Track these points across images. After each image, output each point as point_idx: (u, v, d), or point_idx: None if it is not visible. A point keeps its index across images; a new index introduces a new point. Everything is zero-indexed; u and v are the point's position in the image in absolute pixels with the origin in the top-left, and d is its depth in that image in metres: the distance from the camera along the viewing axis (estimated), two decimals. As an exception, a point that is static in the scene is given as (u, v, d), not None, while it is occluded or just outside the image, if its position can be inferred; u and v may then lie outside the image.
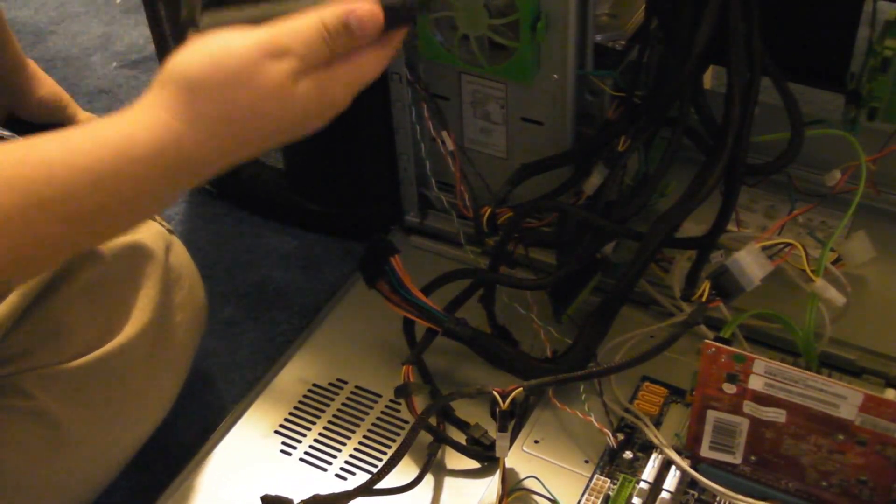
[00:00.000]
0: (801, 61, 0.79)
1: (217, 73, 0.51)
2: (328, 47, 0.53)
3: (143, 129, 0.51)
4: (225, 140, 0.52)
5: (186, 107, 0.51)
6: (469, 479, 0.75)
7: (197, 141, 0.51)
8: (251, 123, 0.53)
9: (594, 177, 0.79)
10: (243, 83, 0.51)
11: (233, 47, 0.52)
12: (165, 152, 0.51)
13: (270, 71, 0.52)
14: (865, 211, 0.80)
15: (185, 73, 0.52)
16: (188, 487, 0.75)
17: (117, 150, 0.50)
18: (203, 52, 0.52)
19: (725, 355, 0.65)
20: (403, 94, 0.86)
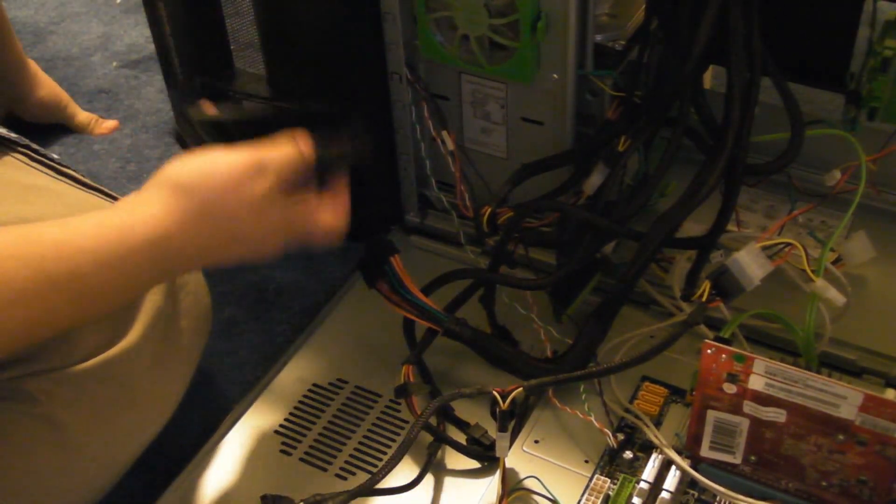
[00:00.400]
0: (801, 61, 0.79)
1: (206, 182, 0.60)
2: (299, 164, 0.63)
3: (140, 222, 0.59)
4: (207, 240, 0.60)
5: (177, 209, 0.59)
6: (469, 479, 0.75)
7: (184, 238, 0.59)
8: (230, 230, 0.61)
9: (594, 177, 0.79)
10: (228, 196, 0.60)
11: (221, 162, 0.60)
12: (157, 245, 0.59)
13: (251, 188, 0.60)
14: (865, 211, 0.80)
15: (178, 179, 0.60)
16: (188, 487, 0.75)
17: (118, 238, 0.58)
18: (196, 163, 0.61)
19: (725, 355, 0.65)
20: (403, 94, 0.86)
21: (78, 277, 0.57)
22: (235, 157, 0.61)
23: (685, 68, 0.70)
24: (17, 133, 0.77)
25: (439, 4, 0.77)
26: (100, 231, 0.58)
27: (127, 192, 1.13)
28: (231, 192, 0.60)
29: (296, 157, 0.63)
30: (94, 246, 0.57)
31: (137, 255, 0.58)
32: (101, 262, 0.57)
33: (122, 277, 0.59)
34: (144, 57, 1.32)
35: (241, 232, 0.61)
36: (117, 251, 0.58)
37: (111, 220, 0.59)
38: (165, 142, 1.18)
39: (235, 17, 0.99)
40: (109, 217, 0.59)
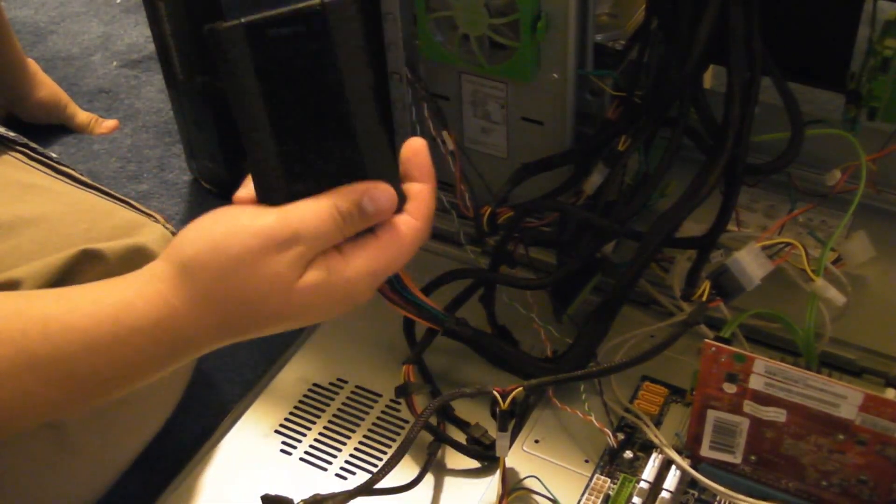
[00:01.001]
0: (801, 61, 0.79)
1: (219, 257, 0.50)
2: (341, 233, 0.52)
3: (142, 299, 0.50)
4: (222, 323, 0.51)
5: (185, 286, 0.50)
6: (469, 478, 0.75)
7: (193, 320, 0.51)
8: (251, 311, 0.51)
9: (594, 177, 0.79)
10: (244, 272, 0.50)
11: (238, 233, 0.50)
12: (162, 325, 0.50)
13: (272, 262, 0.50)
14: (865, 211, 0.80)
15: (188, 253, 0.51)
16: (188, 487, 0.76)
17: (115, 317, 0.50)
18: (209, 233, 0.51)
19: (725, 355, 0.65)
20: (403, 94, 0.86)
21: (65, 360, 0.49)
22: (257, 223, 0.50)
23: (685, 68, 0.70)
24: (17, 132, 0.77)
25: (439, 4, 0.77)
26: (95, 308, 0.50)
27: (127, 191, 1.13)
28: (248, 270, 0.50)
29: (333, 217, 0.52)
30: (87, 325, 0.50)
31: (138, 337, 0.50)
32: (92, 344, 0.50)
33: (120, 362, 0.51)
34: (144, 57, 1.32)
35: (269, 311, 0.52)
36: (114, 332, 0.50)
37: (109, 295, 0.51)
38: (165, 142, 1.19)
39: (235, 17, 0.99)
40: (108, 291, 0.51)
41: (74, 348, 0.50)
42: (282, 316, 0.52)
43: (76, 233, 0.70)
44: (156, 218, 0.76)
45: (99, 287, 0.52)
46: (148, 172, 1.15)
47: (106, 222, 0.72)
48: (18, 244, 0.69)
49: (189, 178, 1.13)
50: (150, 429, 0.76)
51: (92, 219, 0.72)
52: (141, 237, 0.73)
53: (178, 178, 1.14)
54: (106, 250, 0.70)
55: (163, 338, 0.51)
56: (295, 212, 0.51)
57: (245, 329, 0.52)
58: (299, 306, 0.52)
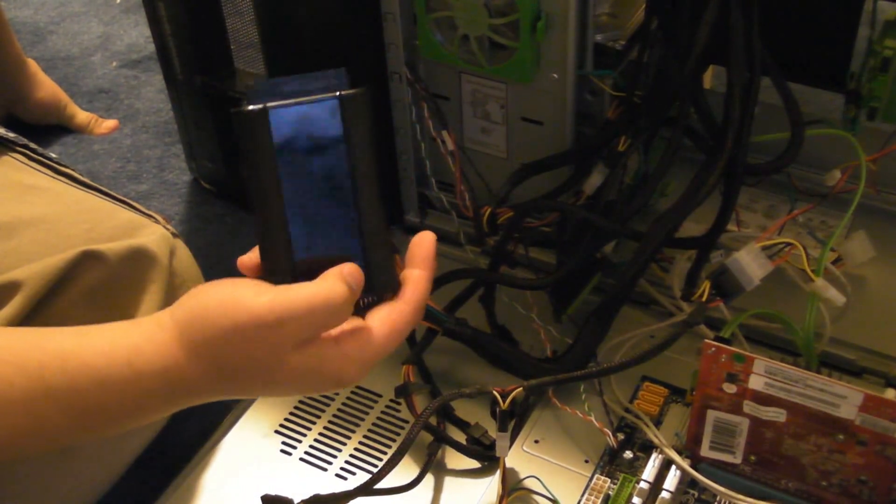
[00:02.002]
0: (801, 61, 0.79)
1: (210, 326, 0.53)
2: (332, 320, 0.54)
3: (152, 347, 0.54)
4: (217, 380, 0.55)
5: (192, 341, 0.53)
6: (469, 479, 0.75)
7: (197, 372, 0.54)
8: (240, 378, 0.54)
9: (594, 177, 0.79)
10: (232, 345, 0.53)
11: (233, 308, 0.53)
12: (168, 374, 0.54)
13: (260, 342, 0.53)
14: (865, 211, 0.80)
15: (186, 313, 0.54)
16: (188, 487, 0.75)
17: (128, 359, 0.54)
18: (207, 300, 0.54)
19: (725, 355, 0.65)
20: (403, 94, 0.86)
21: (78, 394, 0.53)
22: (249, 305, 0.53)
23: (685, 68, 0.70)
24: (17, 133, 0.77)
25: (439, 4, 0.77)
26: (110, 349, 0.54)
27: (127, 191, 1.13)
28: (235, 345, 0.53)
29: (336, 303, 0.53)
30: (101, 363, 0.53)
31: (146, 381, 0.54)
32: (104, 382, 0.53)
33: (128, 401, 0.54)
34: (144, 57, 1.32)
35: (258, 381, 0.55)
36: (124, 374, 0.54)
37: (124, 338, 0.55)
38: (165, 142, 1.19)
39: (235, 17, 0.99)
40: (123, 335, 0.55)
41: (88, 384, 0.53)
42: (267, 386, 0.55)
43: (76, 233, 0.70)
44: (156, 219, 0.76)
45: (113, 329, 0.55)
46: (148, 172, 1.15)
47: (106, 223, 0.72)
48: (19, 245, 0.69)
49: (189, 178, 1.13)
50: (150, 430, 0.76)
51: (92, 219, 0.72)
52: (141, 238, 0.73)
53: (178, 178, 1.14)
54: (106, 251, 0.70)
55: (167, 384, 0.54)
56: (288, 295, 0.53)
57: (236, 390, 0.56)
58: (287, 382, 0.54)
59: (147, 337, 0.54)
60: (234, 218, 1.07)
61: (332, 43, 0.86)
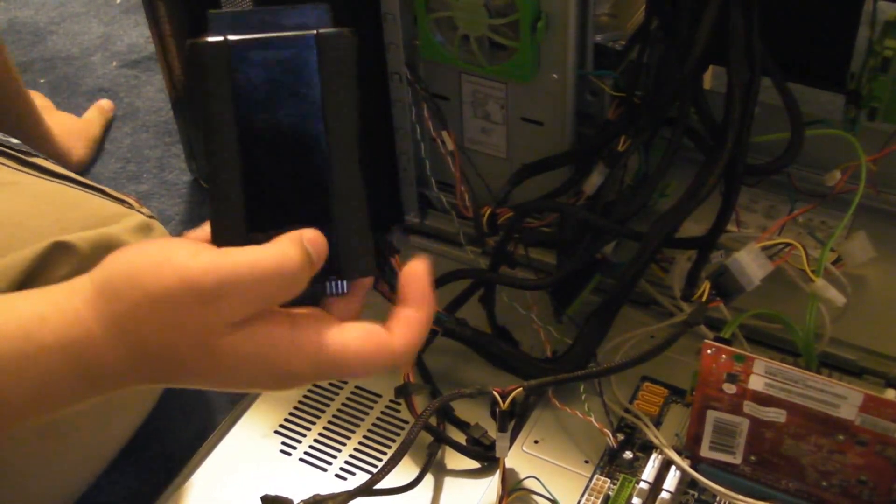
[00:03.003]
0: (801, 61, 0.79)
1: (134, 289, 0.44)
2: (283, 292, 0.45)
3: (57, 315, 0.45)
4: (136, 359, 0.45)
5: (101, 308, 0.44)
6: (469, 479, 0.75)
7: (108, 347, 0.44)
8: (164, 356, 0.45)
9: (594, 177, 0.79)
10: (159, 314, 0.44)
11: (163, 270, 0.44)
12: (74, 346, 0.44)
13: (191, 313, 0.43)
14: (865, 211, 0.80)
15: (107, 275, 0.45)
16: (188, 487, 0.75)
17: (26, 330, 0.44)
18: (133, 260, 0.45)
19: (725, 355, 0.65)
20: (403, 94, 0.86)
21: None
22: (184, 267, 0.44)
23: (685, 68, 0.70)
24: None
25: (439, 4, 0.77)
26: (7, 318, 0.44)
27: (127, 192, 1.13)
28: (162, 313, 0.44)
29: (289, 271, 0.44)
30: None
31: (47, 356, 0.44)
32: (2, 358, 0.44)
33: (28, 383, 0.44)
34: (144, 57, 1.32)
35: (185, 363, 0.45)
36: (21, 347, 0.44)
37: (22, 307, 0.45)
38: (165, 142, 1.19)
39: (235, 17, 0.99)
40: (25, 301, 0.45)
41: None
42: (199, 372, 0.45)
43: (45, 225, 0.67)
44: (129, 203, 0.73)
45: (13, 298, 0.46)
46: (148, 173, 1.15)
47: (76, 212, 0.69)
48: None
49: (189, 179, 1.13)
50: (138, 412, 0.75)
51: (61, 210, 0.69)
52: (114, 227, 0.70)
53: (178, 179, 1.14)
54: (77, 242, 0.67)
55: (75, 361, 0.45)
56: (231, 260, 0.44)
57: (162, 374, 0.46)
58: (223, 368, 0.45)
59: (54, 303, 0.45)
60: (234, 218, 1.07)
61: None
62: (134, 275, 0.44)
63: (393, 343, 0.47)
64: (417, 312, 0.48)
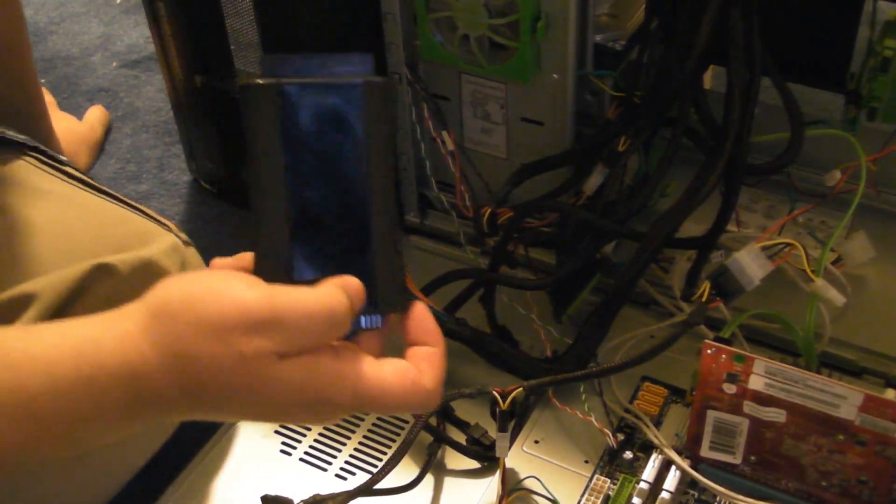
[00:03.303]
0: (801, 61, 0.79)
1: (190, 314, 0.46)
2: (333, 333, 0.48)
3: (111, 337, 0.46)
4: (186, 384, 0.46)
5: (154, 331, 0.46)
6: (469, 479, 0.75)
7: (160, 369, 0.46)
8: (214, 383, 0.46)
9: (594, 177, 0.79)
10: (212, 340, 0.45)
11: (220, 297, 0.46)
12: (130, 370, 0.46)
13: (244, 341, 0.45)
14: (865, 211, 0.80)
15: (161, 299, 0.47)
16: (188, 487, 0.75)
17: (80, 350, 0.46)
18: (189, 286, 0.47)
19: (725, 355, 0.65)
20: (403, 94, 0.86)
21: (26, 396, 0.45)
22: (241, 297, 0.46)
23: (685, 68, 0.70)
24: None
25: (439, 4, 0.77)
26: (60, 340, 0.46)
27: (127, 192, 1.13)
28: (216, 340, 0.45)
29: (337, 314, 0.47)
30: (50, 356, 0.45)
31: (103, 377, 0.45)
32: (56, 379, 0.45)
33: (84, 404, 0.45)
34: (144, 57, 1.32)
35: (234, 392, 0.46)
36: (77, 367, 0.45)
37: (81, 329, 0.47)
38: (165, 142, 1.19)
39: (235, 17, 0.99)
40: (80, 325, 0.47)
41: (38, 382, 0.45)
42: (244, 398, 0.47)
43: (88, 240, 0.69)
44: (168, 226, 0.75)
45: (66, 323, 0.48)
46: (148, 173, 1.15)
47: (118, 230, 0.71)
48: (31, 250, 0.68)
49: (189, 179, 1.13)
50: (157, 441, 0.75)
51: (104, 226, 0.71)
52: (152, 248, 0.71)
53: (178, 179, 1.13)
54: (118, 264, 0.69)
55: (128, 382, 0.46)
56: (286, 296, 0.46)
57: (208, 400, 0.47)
58: (271, 396, 0.47)
59: (108, 327, 0.47)
60: (234, 218, 1.07)
61: (332, 43, 0.86)
62: (192, 301, 0.46)
63: (424, 381, 0.49)
64: (436, 349, 0.51)
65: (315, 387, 0.47)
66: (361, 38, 0.84)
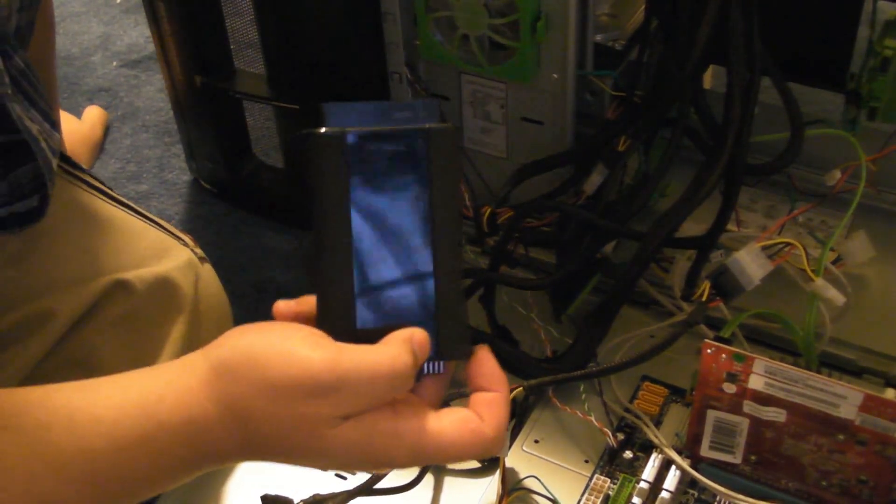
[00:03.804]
0: (801, 61, 0.79)
1: (255, 375, 0.46)
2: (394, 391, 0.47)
3: (174, 393, 0.46)
4: (246, 439, 0.47)
5: (227, 392, 0.46)
6: (469, 479, 0.75)
7: (222, 423, 0.46)
8: (275, 441, 0.47)
9: (594, 177, 0.79)
10: (276, 403, 0.46)
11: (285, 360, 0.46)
12: (193, 427, 0.46)
13: (309, 404, 0.45)
14: (865, 211, 0.80)
15: (225, 356, 0.47)
16: (188, 487, 0.75)
17: (144, 409, 0.46)
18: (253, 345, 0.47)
19: (725, 355, 0.65)
20: (403, 94, 0.86)
21: (88, 457, 0.45)
22: (306, 360, 0.45)
23: (685, 68, 0.70)
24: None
25: (439, 4, 0.77)
26: (123, 398, 0.46)
27: (127, 192, 1.13)
28: (281, 402, 0.45)
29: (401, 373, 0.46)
30: (114, 416, 0.45)
31: (166, 436, 0.46)
32: (119, 439, 0.45)
33: (145, 461, 0.46)
34: (144, 57, 1.33)
35: (295, 449, 0.47)
36: (142, 426, 0.45)
37: (143, 385, 0.47)
38: (165, 142, 1.19)
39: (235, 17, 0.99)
40: (141, 381, 0.47)
41: (100, 444, 0.45)
42: (303, 455, 0.48)
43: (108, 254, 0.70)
44: (185, 241, 0.75)
45: (130, 376, 0.48)
46: (148, 172, 1.15)
47: (136, 245, 0.72)
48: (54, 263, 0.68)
49: (189, 178, 1.13)
50: None
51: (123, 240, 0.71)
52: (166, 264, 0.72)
53: (178, 178, 1.14)
54: (134, 280, 0.69)
55: (191, 439, 0.46)
56: (350, 360, 0.46)
57: (268, 454, 0.48)
58: (330, 454, 0.47)
59: (171, 382, 0.47)
60: (234, 218, 1.07)
61: (332, 43, 0.86)
62: (255, 361, 0.46)
63: (485, 429, 0.49)
64: (499, 394, 0.50)
65: (374, 446, 0.47)
66: (361, 37, 0.84)
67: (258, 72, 1.01)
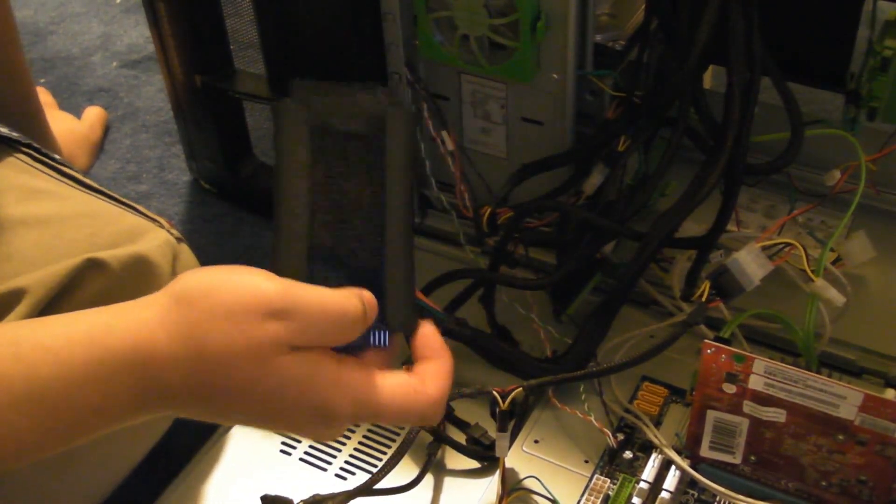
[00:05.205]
0: (801, 61, 0.79)
1: (208, 300, 0.47)
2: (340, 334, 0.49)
3: (124, 323, 0.48)
4: (194, 371, 0.47)
5: (170, 318, 0.47)
6: (469, 479, 0.75)
7: (170, 355, 0.47)
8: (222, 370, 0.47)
9: (594, 177, 0.79)
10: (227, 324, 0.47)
11: (237, 285, 0.48)
12: (140, 351, 0.47)
13: (258, 326, 0.47)
14: (865, 211, 0.80)
15: (181, 286, 0.48)
16: (188, 487, 0.76)
17: (91, 336, 0.47)
18: (209, 276, 0.49)
19: (725, 355, 0.65)
20: (403, 94, 0.86)
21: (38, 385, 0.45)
22: (258, 285, 0.48)
23: (685, 68, 0.70)
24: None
25: (439, 4, 0.77)
26: (69, 329, 0.47)
27: (127, 192, 1.13)
28: (231, 323, 0.47)
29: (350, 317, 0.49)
30: (60, 344, 0.46)
31: (113, 358, 0.46)
32: (66, 367, 0.46)
33: (94, 387, 0.46)
34: (144, 57, 1.32)
35: (240, 379, 0.48)
36: (88, 352, 0.46)
37: (87, 318, 0.48)
38: (165, 142, 1.19)
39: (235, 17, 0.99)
40: (87, 315, 0.48)
41: (48, 371, 0.46)
42: (245, 389, 0.48)
43: (80, 238, 0.70)
44: (160, 223, 0.75)
45: (78, 312, 0.49)
46: (148, 172, 1.15)
47: (110, 227, 0.71)
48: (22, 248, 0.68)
49: (189, 179, 1.13)
50: (152, 436, 0.75)
51: (96, 224, 0.71)
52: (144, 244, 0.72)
53: (178, 179, 1.14)
54: (109, 259, 0.68)
55: (138, 368, 0.47)
56: (302, 290, 0.48)
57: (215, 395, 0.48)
58: (268, 385, 0.48)
59: (122, 314, 0.48)
60: (234, 218, 1.07)
61: (332, 43, 0.86)
62: (212, 288, 0.48)
63: (427, 391, 0.51)
64: (443, 362, 0.53)
65: (314, 386, 0.48)
66: (361, 38, 0.84)
67: (258, 72, 1.01)
